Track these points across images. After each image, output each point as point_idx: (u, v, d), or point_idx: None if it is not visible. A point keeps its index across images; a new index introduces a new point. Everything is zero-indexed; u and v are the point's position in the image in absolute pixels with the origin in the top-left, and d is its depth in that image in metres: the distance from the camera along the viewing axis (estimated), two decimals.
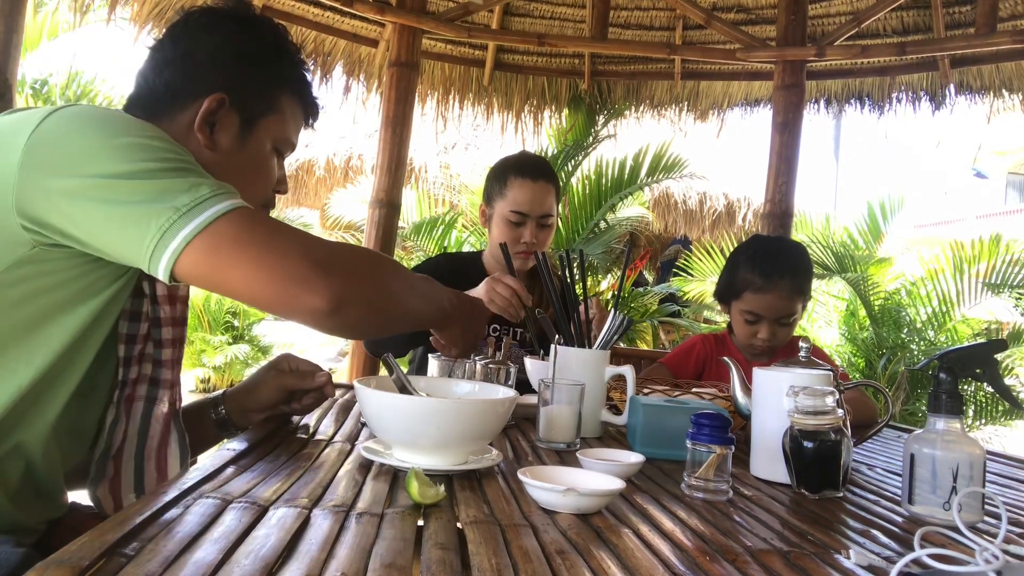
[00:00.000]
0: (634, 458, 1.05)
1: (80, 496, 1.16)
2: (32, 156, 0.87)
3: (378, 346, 2.01)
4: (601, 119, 4.91)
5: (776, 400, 1.08)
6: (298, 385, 1.28)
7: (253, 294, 0.90)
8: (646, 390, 1.55)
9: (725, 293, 1.99)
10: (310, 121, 1.23)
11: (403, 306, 1.07)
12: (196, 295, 7.74)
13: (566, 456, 1.18)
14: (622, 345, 3.14)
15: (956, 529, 0.77)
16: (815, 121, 4.60)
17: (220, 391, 1.34)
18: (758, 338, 1.91)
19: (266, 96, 1.12)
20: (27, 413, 0.96)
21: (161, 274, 0.86)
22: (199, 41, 1.09)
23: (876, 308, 5.32)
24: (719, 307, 2.11)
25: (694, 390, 1.55)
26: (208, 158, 1.05)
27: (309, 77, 1.20)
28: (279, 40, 1.15)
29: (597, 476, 0.93)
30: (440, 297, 1.16)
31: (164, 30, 1.14)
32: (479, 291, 1.76)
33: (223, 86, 1.07)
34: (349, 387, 1.71)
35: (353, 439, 1.17)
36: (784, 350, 1.99)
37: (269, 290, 0.89)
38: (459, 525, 0.76)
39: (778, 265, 1.89)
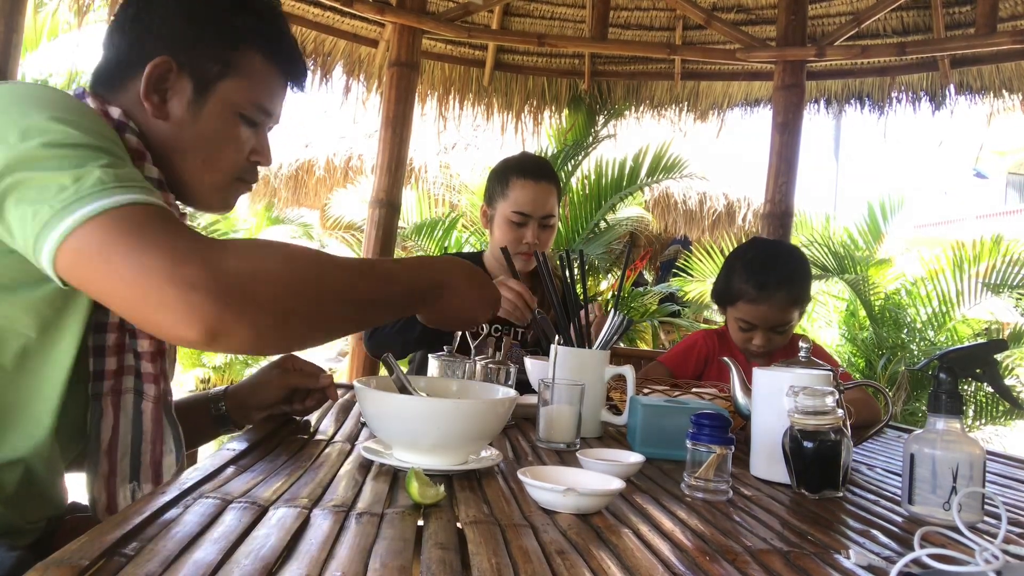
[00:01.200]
0: (634, 458, 1.05)
1: (80, 496, 1.16)
2: None
3: (379, 347, 2.02)
4: (601, 119, 4.91)
5: (776, 400, 1.08)
6: (302, 384, 1.27)
7: (124, 314, 0.80)
8: (646, 390, 1.55)
9: (721, 298, 1.98)
10: (292, 85, 1.13)
11: (332, 310, 0.89)
12: None
13: (566, 456, 1.18)
14: (622, 345, 3.14)
15: (956, 529, 0.77)
16: (815, 121, 4.60)
17: (221, 387, 1.31)
18: (753, 344, 1.91)
19: (221, 57, 1.02)
20: (15, 408, 0.94)
21: (46, 268, 0.78)
22: (149, 4, 1.02)
23: (876, 308, 5.32)
24: (717, 307, 2.11)
25: (694, 390, 1.55)
26: (162, 129, 1.01)
27: (281, 32, 1.09)
28: None
29: (597, 476, 0.93)
30: (413, 279, 1.01)
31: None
32: None
33: (170, 48, 1.00)
34: (349, 387, 1.71)
35: (353, 439, 1.17)
36: (784, 350, 1.99)
37: (135, 315, 0.78)
38: (459, 525, 0.76)
39: (773, 276, 1.85)
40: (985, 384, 2.09)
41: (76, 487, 1.12)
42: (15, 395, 0.93)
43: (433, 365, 1.42)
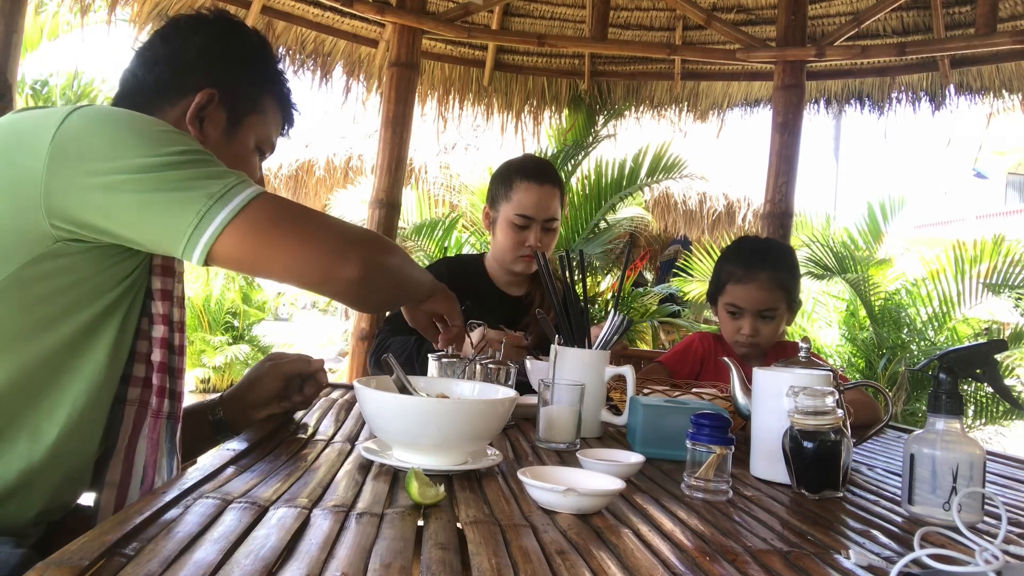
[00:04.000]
0: (634, 458, 1.05)
1: (80, 498, 1.16)
2: (60, 154, 0.90)
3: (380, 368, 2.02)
4: (601, 119, 4.90)
5: (776, 400, 1.08)
6: (295, 370, 1.31)
7: (291, 270, 0.98)
8: (646, 390, 1.55)
9: (712, 291, 2.02)
10: (286, 129, 1.29)
11: (409, 276, 1.17)
12: (198, 296, 7.74)
13: (566, 456, 1.18)
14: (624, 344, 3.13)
15: (956, 529, 0.77)
16: (815, 121, 4.61)
17: (216, 395, 1.34)
18: (741, 333, 1.92)
19: (251, 96, 1.18)
20: (35, 410, 0.97)
21: (196, 259, 0.91)
22: (188, 40, 1.15)
23: (876, 308, 5.32)
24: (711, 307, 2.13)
25: (694, 390, 1.55)
26: None
27: (289, 86, 1.26)
28: (263, 45, 1.22)
29: (597, 476, 0.93)
30: (424, 273, 1.25)
31: (153, 32, 1.20)
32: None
33: (212, 83, 1.12)
34: (349, 387, 1.71)
35: (353, 439, 1.17)
36: (784, 351, 1.99)
37: (308, 264, 0.98)
38: (459, 525, 0.76)
39: (759, 257, 1.93)
40: (985, 384, 2.09)
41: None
42: (36, 405, 0.97)
43: (433, 365, 1.42)
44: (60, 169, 0.90)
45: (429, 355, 1.45)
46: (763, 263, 1.91)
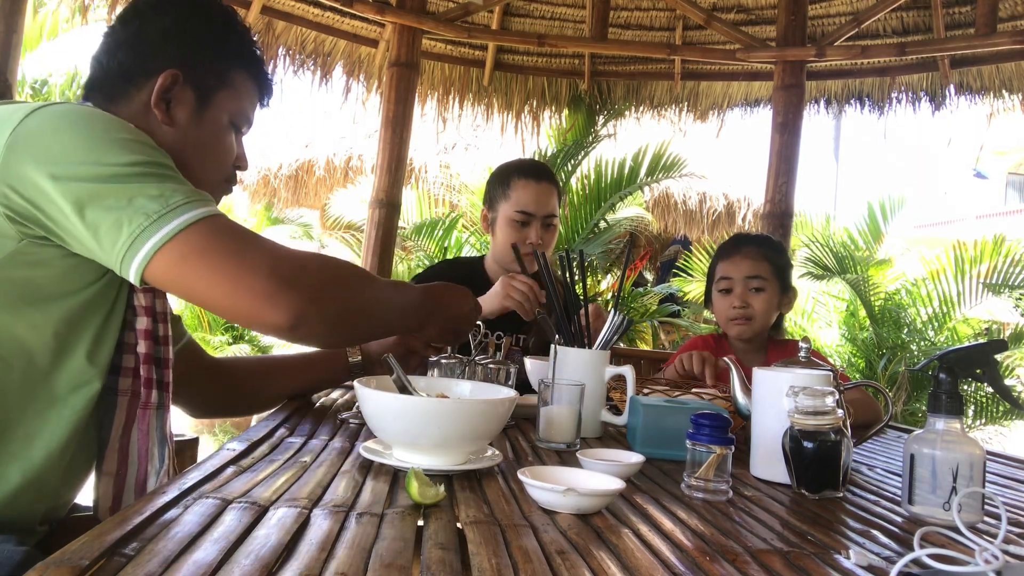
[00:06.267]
0: (634, 458, 1.05)
1: (80, 498, 1.16)
2: (13, 151, 0.89)
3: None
4: (601, 119, 4.90)
5: (776, 400, 1.08)
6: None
7: (216, 305, 0.93)
8: (646, 390, 1.55)
9: (707, 287, 2.12)
10: (265, 100, 1.25)
11: (370, 318, 1.12)
12: None
13: (566, 456, 1.18)
14: (622, 345, 3.14)
15: (956, 529, 0.77)
16: (815, 121, 4.61)
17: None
18: (732, 309, 1.99)
19: (218, 71, 1.14)
20: (28, 409, 0.97)
21: (132, 278, 0.89)
22: (149, 22, 1.12)
23: (876, 308, 5.32)
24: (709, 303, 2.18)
25: (694, 390, 1.55)
26: (167, 135, 1.09)
27: (259, 54, 1.22)
28: (227, 18, 1.18)
29: (597, 476, 0.93)
30: (412, 300, 1.20)
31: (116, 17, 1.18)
32: (495, 290, 1.87)
33: (175, 63, 1.10)
34: (349, 387, 1.71)
35: (353, 439, 1.17)
36: (783, 351, 1.99)
37: (231, 303, 0.92)
38: (459, 525, 0.76)
39: (745, 237, 2.19)
40: (985, 384, 2.10)
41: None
42: (26, 405, 0.97)
43: (433, 365, 1.42)
44: (12, 164, 0.88)
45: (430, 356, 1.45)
46: (748, 239, 2.12)
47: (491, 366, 1.43)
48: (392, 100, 3.69)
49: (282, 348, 8.42)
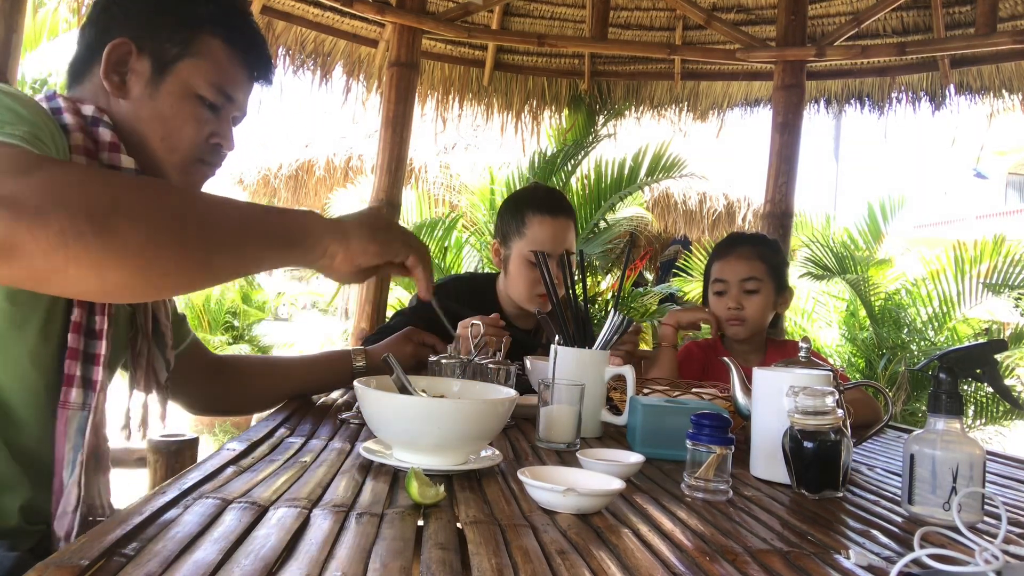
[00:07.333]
0: (634, 458, 1.05)
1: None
2: None
3: None
4: (601, 119, 4.90)
5: (776, 400, 1.08)
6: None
7: None
8: (646, 390, 1.55)
9: (704, 289, 2.14)
10: (257, 77, 1.18)
11: (212, 220, 0.84)
12: (197, 296, 7.74)
13: (566, 456, 1.18)
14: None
15: (956, 529, 0.77)
16: (815, 121, 4.60)
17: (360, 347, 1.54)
18: (728, 310, 2.00)
19: (181, 39, 1.09)
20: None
21: None
22: None
23: (876, 308, 5.32)
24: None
25: (694, 390, 1.55)
26: (122, 107, 1.07)
27: (243, 24, 1.15)
28: None
29: (597, 476, 0.93)
30: (296, 217, 0.94)
31: None
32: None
33: (130, 32, 1.07)
34: (349, 387, 1.70)
35: (353, 439, 1.17)
36: (784, 350, 1.99)
37: None
38: (459, 525, 0.76)
39: (739, 237, 2.16)
40: (985, 384, 2.10)
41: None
42: None
43: (433, 365, 1.42)
44: None
45: (429, 356, 1.45)
46: (743, 239, 2.13)
47: (491, 366, 1.43)
48: (392, 100, 3.69)
49: (282, 348, 8.43)
